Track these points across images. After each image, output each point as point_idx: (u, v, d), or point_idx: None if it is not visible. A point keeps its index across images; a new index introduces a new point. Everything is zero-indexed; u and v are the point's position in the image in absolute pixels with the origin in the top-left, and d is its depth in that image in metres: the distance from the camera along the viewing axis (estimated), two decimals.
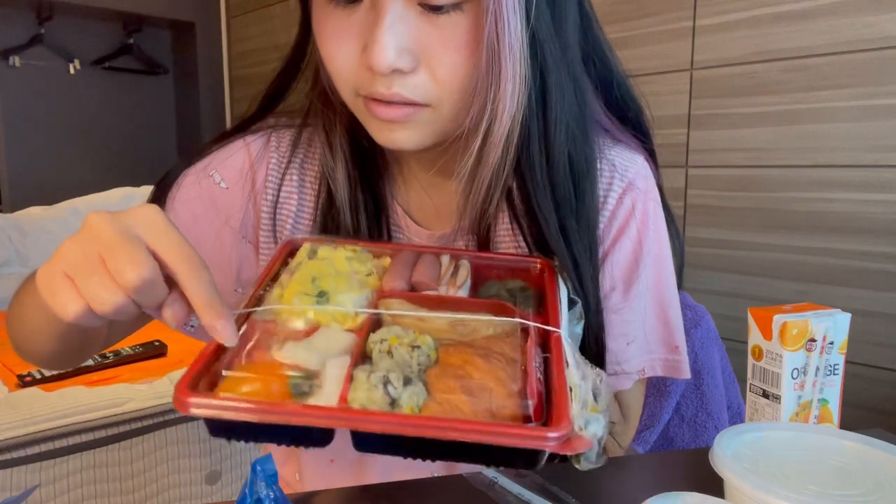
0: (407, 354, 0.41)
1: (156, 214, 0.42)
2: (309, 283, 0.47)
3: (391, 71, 0.50)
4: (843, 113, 1.52)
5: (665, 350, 0.66)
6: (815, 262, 1.59)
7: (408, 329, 0.43)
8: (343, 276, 0.48)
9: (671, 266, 0.67)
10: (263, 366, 0.40)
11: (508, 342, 0.44)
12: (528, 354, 0.42)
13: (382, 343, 0.42)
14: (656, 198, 0.67)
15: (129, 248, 0.40)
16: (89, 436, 1.37)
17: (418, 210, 0.67)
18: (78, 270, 0.40)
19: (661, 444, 0.91)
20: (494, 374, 0.40)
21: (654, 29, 1.80)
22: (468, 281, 0.52)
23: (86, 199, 2.40)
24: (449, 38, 0.51)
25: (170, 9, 3.14)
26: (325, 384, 0.39)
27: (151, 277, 0.40)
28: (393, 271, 0.51)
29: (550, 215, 0.58)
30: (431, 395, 0.39)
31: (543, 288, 0.51)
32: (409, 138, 0.55)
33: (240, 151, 0.68)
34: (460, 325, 0.45)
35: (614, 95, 0.66)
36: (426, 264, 0.53)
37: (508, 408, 0.38)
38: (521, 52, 0.51)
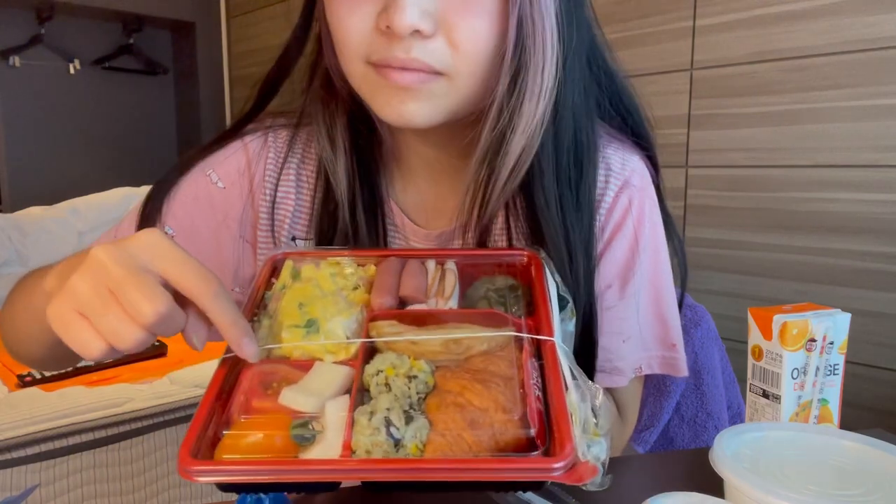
0: (405, 386, 0.41)
1: (159, 238, 0.42)
2: (296, 311, 0.46)
3: (411, 33, 0.50)
4: (843, 113, 1.52)
5: (662, 348, 0.66)
6: (815, 262, 1.59)
7: (402, 355, 0.43)
8: (330, 298, 0.48)
9: (668, 264, 0.67)
10: (263, 418, 0.40)
11: (503, 357, 0.44)
12: (525, 370, 0.43)
13: (379, 375, 0.42)
14: (653, 197, 0.67)
15: (141, 283, 0.40)
16: (89, 436, 1.37)
17: (415, 208, 0.67)
18: (91, 309, 0.40)
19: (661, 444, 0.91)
20: (494, 399, 0.40)
21: (654, 29, 1.80)
22: (456, 288, 0.52)
23: (86, 199, 2.40)
24: (471, 4, 0.51)
25: (170, 9, 3.14)
26: (328, 430, 0.39)
27: (168, 311, 0.40)
28: (380, 285, 0.51)
29: (554, 209, 0.58)
30: (434, 426, 0.39)
31: (532, 284, 0.51)
32: (420, 111, 0.54)
33: (237, 151, 0.67)
34: (454, 345, 0.45)
35: (614, 97, 0.66)
36: (412, 274, 0.52)
37: (510, 433, 0.39)
38: (554, 27, 0.52)
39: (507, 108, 0.54)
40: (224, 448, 0.39)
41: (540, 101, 0.54)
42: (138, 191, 2.46)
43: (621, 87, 0.66)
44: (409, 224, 0.66)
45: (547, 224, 0.58)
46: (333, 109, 0.63)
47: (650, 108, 0.69)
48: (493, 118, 0.55)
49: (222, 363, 0.44)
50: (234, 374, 0.43)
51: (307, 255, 0.54)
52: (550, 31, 0.52)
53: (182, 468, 0.36)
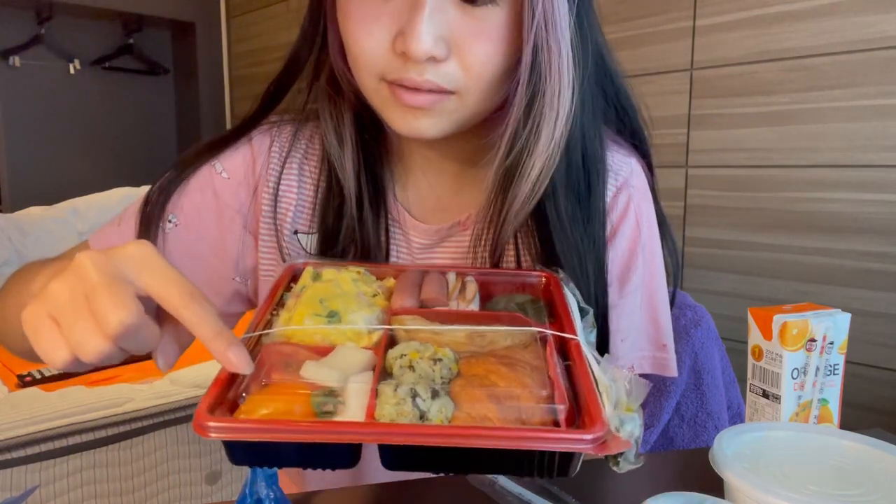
0: (429, 368, 0.40)
1: (146, 250, 0.41)
2: (318, 304, 0.46)
3: (427, 59, 0.51)
4: (843, 113, 1.52)
5: (653, 348, 0.67)
6: (815, 262, 1.59)
7: (426, 343, 0.43)
8: (351, 296, 0.48)
9: (662, 266, 0.68)
10: (284, 387, 0.39)
11: (529, 351, 0.43)
12: (550, 362, 0.42)
13: (402, 358, 0.41)
14: (649, 198, 0.68)
15: (113, 291, 0.38)
16: (89, 436, 1.37)
17: (414, 203, 0.68)
18: (63, 314, 0.39)
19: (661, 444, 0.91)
20: (520, 381, 0.39)
21: (654, 29, 1.80)
22: (477, 296, 0.51)
23: (86, 199, 2.40)
24: (483, 30, 0.52)
25: (170, 9, 3.14)
26: (350, 401, 0.38)
27: (135, 322, 0.38)
28: (400, 290, 0.51)
29: (567, 226, 0.59)
30: (459, 406, 0.38)
31: (552, 300, 0.51)
32: (432, 126, 0.56)
33: (243, 145, 0.68)
34: (478, 337, 0.45)
35: (611, 98, 0.66)
36: (433, 282, 0.52)
37: (538, 414, 0.38)
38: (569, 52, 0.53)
39: (522, 136, 0.55)
40: (242, 412, 0.37)
41: (557, 126, 0.55)
42: (138, 191, 2.46)
43: (620, 87, 0.66)
44: (408, 219, 0.66)
45: (560, 241, 0.59)
46: (340, 106, 0.64)
47: (649, 108, 0.69)
48: (506, 149, 0.56)
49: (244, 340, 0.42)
50: (255, 354, 0.42)
51: (325, 265, 0.54)
52: (567, 56, 0.53)
53: (197, 423, 0.35)
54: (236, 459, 0.38)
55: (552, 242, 0.59)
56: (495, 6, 0.52)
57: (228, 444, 0.37)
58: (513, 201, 0.58)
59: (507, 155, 0.56)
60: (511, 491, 0.54)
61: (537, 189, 0.57)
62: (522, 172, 0.56)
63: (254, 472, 0.46)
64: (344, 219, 0.63)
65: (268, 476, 0.46)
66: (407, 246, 0.66)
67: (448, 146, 0.64)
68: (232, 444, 0.37)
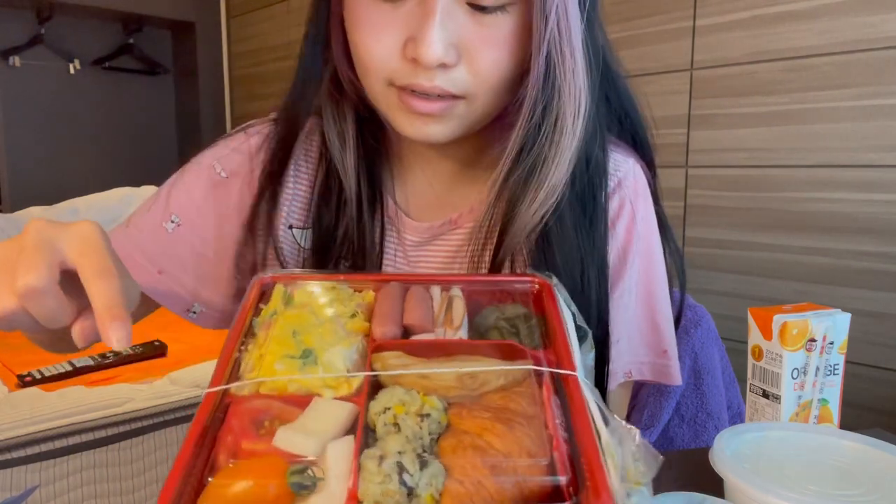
0: (416, 425, 0.37)
1: (88, 229, 0.42)
2: (290, 340, 0.42)
3: (438, 65, 0.52)
4: (843, 113, 1.52)
5: (652, 354, 0.66)
6: (815, 262, 1.59)
7: (411, 390, 0.39)
8: (327, 326, 0.44)
9: (662, 269, 0.67)
10: (254, 464, 0.35)
11: (523, 394, 0.40)
12: (548, 408, 0.39)
13: (386, 413, 0.38)
14: (647, 200, 0.67)
15: (33, 256, 0.40)
16: (89, 436, 1.37)
17: (408, 200, 0.68)
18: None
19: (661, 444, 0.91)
20: (517, 441, 0.36)
21: (654, 29, 1.80)
22: (465, 318, 0.48)
23: (86, 199, 2.39)
24: (492, 36, 0.53)
25: (170, 9, 3.14)
26: (330, 476, 0.35)
27: (39, 287, 0.39)
28: (382, 312, 0.47)
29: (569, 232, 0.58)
30: (450, 472, 0.35)
31: (545, 313, 0.47)
32: (441, 132, 0.56)
33: (240, 142, 0.69)
34: (468, 379, 0.41)
35: (614, 102, 0.66)
36: (417, 301, 0.48)
37: (537, 481, 0.35)
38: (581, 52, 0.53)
39: (536, 142, 0.55)
40: (209, 498, 0.34)
41: (575, 134, 0.55)
42: (138, 191, 2.46)
43: (622, 89, 0.66)
44: (402, 217, 0.67)
45: (563, 251, 0.58)
46: (343, 106, 0.64)
47: (650, 108, 0.69)
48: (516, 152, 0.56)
49: (206, 399, 0.39)
50: (221, 412, 0.38)
51: (297, 278, 0.51)
52: (580, 63, 0.53)
53: None
54: None
55: (553, 251, 0.58)
56: (505, 13, 0.52)
57: None
58: (523, 211, 0.57)
59: (515, 160, 0.56)
60: None
61: (551, 198, 0.57)
62: (539, 180, 0.56)
63: None
64: (341, 216, 0.63)
65: None
66: (400, 244, 0.67)
67: (449, 147, 0.64)
68: None
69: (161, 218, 0.67)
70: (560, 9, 0.51)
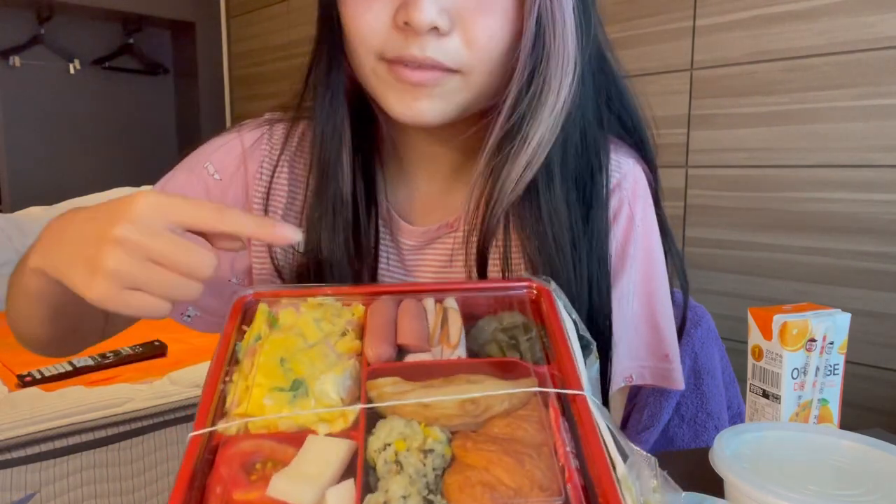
0: (419, 462, 0.35)
1: (154, 197, 0.44)
2: (278, 369, 0.40)
3: (428, 30, 0.50)
4: (843, 113, 1.52)
5: (654, 358, 0.65)
6: (815, 262, 1.59)
7: (411, 421, 0.37)
8: (317, 350, 0.42)
9: (663, 271, 0.66)
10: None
11: (529, 419, 0.38)
12: (557, 433, 0.37)
13: (387, 451, 0.35)
14: (647, 201, 0.66)
15: (183, 249, 0.43)
16: (89, 436, 1.37)
17: (404, 204, 0.67)
18: (142, 282, 0.43)
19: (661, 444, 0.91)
20: (529, 475, 0.34)
21: (654, 29, 1.80)
22: (462, 334, 0.45)
23: (86, 200, 2.39)
24: (487, 3, 0.52)
25: (170, 9, 3.14)
26: None
27: (216, 261, 0.45)
28: (374, 331, 0.45)
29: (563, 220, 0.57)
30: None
31: (544, 322, 0.45)
32: (432, 109, 0.54)
33: (233, 143, 0.68)
34: (471, 405, 0.39)
35: (614, 99, 0.65)
36: (411, 318, 0.46)
37: None
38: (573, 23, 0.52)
39: (524, 101, 0.54)
40: None
41: (560, 94, 0.54)
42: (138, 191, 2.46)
43: (622, 88, 0.65)
44: (397, 221, 0.66)
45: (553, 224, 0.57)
46: (337, 107, 0.63)
47: (650, 108, 0.69)
48: (507, 113, 0.55)
49: (192, 443, 0.36)
50: (209, 454, 0.36)
51: (281, 294, 0.48)
52: (570, 25, 0.52)
53: None
54: None
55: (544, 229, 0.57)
56: None
57: None
58: (510, 170, 0.56)
59: (504, 123, 0.55)
60: None
61: (535, 158, 0.55)
62: (523, 138, 0.55)
63: None
64: (337, 222, 0.62)
65: None
66: (396, 248, 0.66)
67: (448, 136, 0.62)
68: None
69: None
70: None
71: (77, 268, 0.45)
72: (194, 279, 0.44)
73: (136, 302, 0.44)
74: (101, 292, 0.43)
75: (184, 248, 0.43)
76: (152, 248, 0.43)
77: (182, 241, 0.44)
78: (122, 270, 0.43)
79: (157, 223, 0.43)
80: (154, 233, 0.43)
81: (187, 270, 0.44)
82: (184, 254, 0.43)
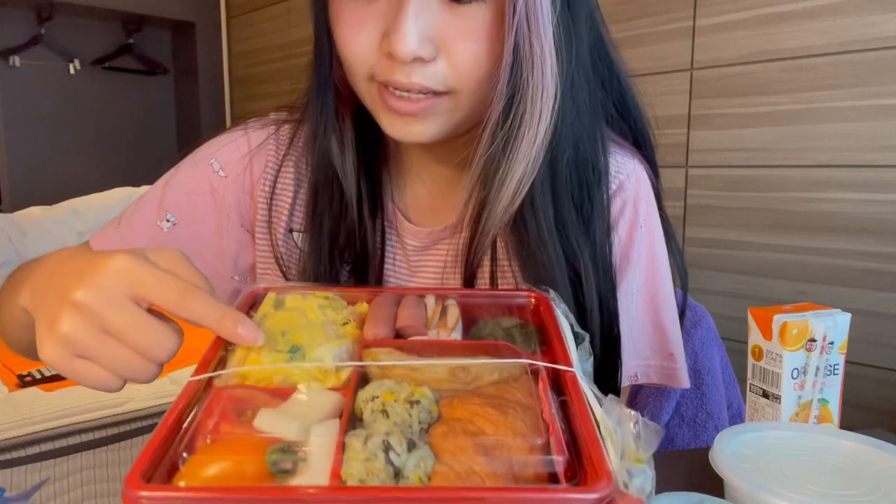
0: (405, 412, 0.35)
1: (126, 264, 0.41)
2: (279, 337, 0.41)
3: (412, 59, 0.50)
4: (843, 113, 1.52)
5: (659, 356, 0.66)
6: (815, 262, 1.59)
7: (401, 382, 0.38)
8: (317, 327, 0.43)
9: (667, 271, 0.66)
10: (233, 443, 0.34)
11: (519, 387, 0.38)
12: (544, 401, 0.37)
13: (374, 401, 0.36)
14: (650, 202, 0.66)
15: (141, 327, 0.41)
16: (89, 436, 1.37)
17: (409, 205, 0.67)
18: (93, 353, 0.41)
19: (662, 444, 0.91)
20: (511, 426, 0.34)
21: (654, 29, 1.80)
22: (459, 322, 0.46)
23: (86, 199, 2.40)
24: (470, 29, 0.51)
25: (170, 9, 3.14)
26: (312, 457, 0.33)
27: (176, 346, 0.42)
28: (374, 316, 0.46)
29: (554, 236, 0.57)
30: (440, 458, 0.33)
31: (543, 324, 0.46)
32: (425, 132, 0.55)
33: (240, 141, 0.68)
34: (461, 372, 0.40)
35: (617, 99, 0.65)
36: (410, 306, 0.47)
37: (532, 466, 0.33)
38: (552, 35, 0.51)
39: (502, 132, 0.53)
40: (183, 476, 0.32)
41: (540, 126, 0.53)
42: (138, 191, 2.46)
43: (626, 88, 0.65)
44: (402, 221, 0.66)
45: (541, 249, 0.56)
46: (341, 109, 0.63)
47: (650, 108, 0.69)
48: (487, 142, 0.54)
49: (187, 386, 0.38)
50: (204, 398, 0.38)
51: (291, 289, 0.50)
52: (549, 55, 0.51)
53: (127, 494, 0.30)
54: None
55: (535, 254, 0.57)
56: (482, 4, 0.51)
57: None
58: (494, 202, 0.56)
59: (485, 152, 0.55)
60: None
61: (520, 190, 0.55)
62: (505, 171, 0.54)
63: None
64: (341, 221, 0.62)
65: None
66: (402, 248, 0.66)
67: (443, 154, 0.63)
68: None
69: (156, 217, 0.66)
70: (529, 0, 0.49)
71: (40, 321, 0.43)
72: (149, 360, 0.41)
73: (85, 372, 0.41)
74: (52, 354, 0.41)
75: (142, 326, 0.41)
76: (108, 320, 0.40)
77: (143, 318, 0.41)
78: (75, 338, 0.40)
79: (120, 293, 0.41)
80: (114, 304, 0.40)
81: (141, 350, 0.41)
82: (139, 333, 0.40)
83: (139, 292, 0.41)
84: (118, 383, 0.42)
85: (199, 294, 0.41)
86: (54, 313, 0.41)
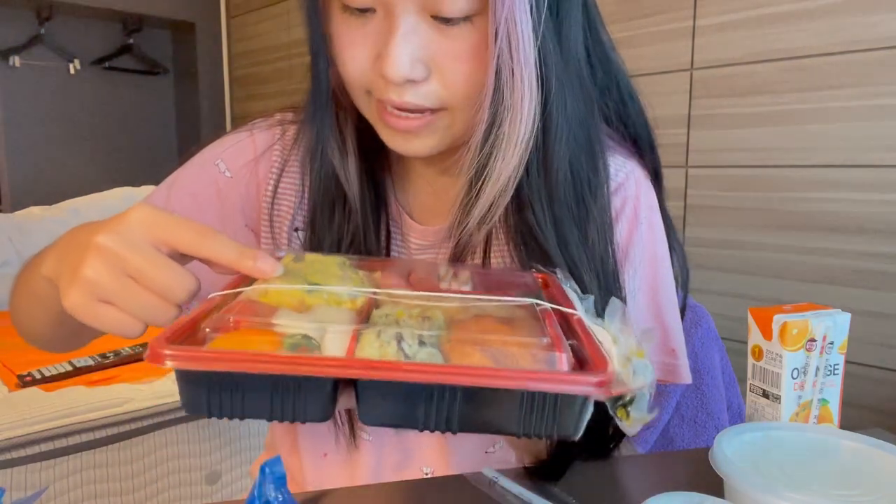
0: (417, 325, 0.36)
1: (147, 212, 0.44)
2: (297, 279, 0.44)
3: (404, 81, 0.51)
4: (843, 113, 1.52)
5: (661, 353, 0.66)
6: (815, 262, 1.59)
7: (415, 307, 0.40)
8: (334, 275, 0.46)
9: (669, 271, 0.67)
10: (254, 331, 0.36)
11: (526, 315, 0.40)
12: (550, 322, 0.39)
13: (388, 317, 0.38)
14: (651, 202, 0.66)
15: (162, 267, 0.42)
16: (89, 436, 1.37)
17: (415, 204, 0.68)
18: (115, 296, 0.42)
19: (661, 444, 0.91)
20: (518, 339, 0.36)
21: (654, 29, 1.80)
22: (471, 282, 0.49)
23: (86, 199, 2.40)
24: (460, 49, 0.52)
25: (170, 9, 3.14)
26: (327, 346, 0.35)
27: (196, 287, 0.43)
28: (388, 274, 0.48)
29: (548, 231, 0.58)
30: (448, 359, 0.34)
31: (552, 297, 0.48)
32: (424, 146, 0.56)
33: (245, 142, 0.69)
34: (472, 307, 0.42)
35: (617, 101, 0.65)
36: (423, 267, 0.50)
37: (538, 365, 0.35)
38: (533, 62, 0.52)
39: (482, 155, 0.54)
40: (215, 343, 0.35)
41: (516, 151, 0.54)
42: (138, 191, 2.46)
43: (626, 89, 0.65)
44: (407, 220, 0.66)
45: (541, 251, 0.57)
46: (341, 115, 0.63)
47: (650, 108, 0.69)
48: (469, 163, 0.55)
49: (210, 299, 0.42)
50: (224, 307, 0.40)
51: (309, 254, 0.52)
52: (529, 81, 0.51)
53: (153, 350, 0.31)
54: (192, 401, 0.33)
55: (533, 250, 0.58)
56: (470, 24, 0.51)
57: (185, 381, 0.33)
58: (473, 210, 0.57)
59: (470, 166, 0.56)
60: (511, 491, 0.54)
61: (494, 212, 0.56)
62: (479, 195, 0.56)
63: (262, 475, 0.45)
64: (346, 224, 0.63)
65: (276, 478, 0.46)
66: (406, 248, 0.66)
67: (443, 161, 0.64)
68: (189, 382, 0.33)
69: None
70: (509, 20, 0.49)
71: (63, 275, 0.44)
72: (170, 301, 0.43)
73: (106, 316, 0.43)
74: (75, 301, 0.43)
75: (163, 267, 0.42)
76: (130, 261, 0.42)
77: (162, 259, 0.42)
78: (97, 280, 0.42)
79: (141, 237, 0.43)
80: (134, 246, 0.42)
81: (161, 290, 0.42)
82: (159, 272, 0.42)
83: (159, 235, 0.43)
84: (139, 327, 0.44)
85: (217, 234, 0.44)
86: (76, 262, 0.43)
